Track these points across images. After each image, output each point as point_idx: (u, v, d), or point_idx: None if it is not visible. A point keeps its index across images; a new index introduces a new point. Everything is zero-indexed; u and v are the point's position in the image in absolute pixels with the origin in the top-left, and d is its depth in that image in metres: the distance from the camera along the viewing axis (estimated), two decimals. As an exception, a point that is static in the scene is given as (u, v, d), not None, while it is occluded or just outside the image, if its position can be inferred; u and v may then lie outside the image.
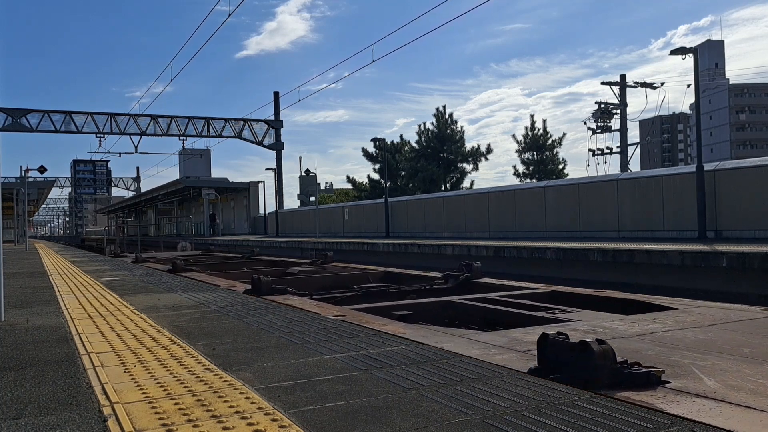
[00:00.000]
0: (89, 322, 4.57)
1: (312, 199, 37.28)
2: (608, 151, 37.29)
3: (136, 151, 41.75)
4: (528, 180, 40.38)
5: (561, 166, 41.31)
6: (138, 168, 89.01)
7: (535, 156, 41.44)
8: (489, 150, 43.89)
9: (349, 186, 50.99)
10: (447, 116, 43.98)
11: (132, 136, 40.72)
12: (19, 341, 3.89)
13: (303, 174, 41.13)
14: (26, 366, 3.17)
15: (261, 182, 43.55)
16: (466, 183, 44.04)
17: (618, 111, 36.54)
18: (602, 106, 37.28)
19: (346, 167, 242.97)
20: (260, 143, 43.11)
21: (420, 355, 3.15)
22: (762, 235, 12.97)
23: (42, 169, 27.05)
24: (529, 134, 41.59)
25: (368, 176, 47.76)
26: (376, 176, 46.14)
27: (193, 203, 52.25)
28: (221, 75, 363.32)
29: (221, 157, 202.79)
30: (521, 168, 41.88)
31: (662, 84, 34.77)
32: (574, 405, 2.26)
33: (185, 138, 41.99)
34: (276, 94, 43.42)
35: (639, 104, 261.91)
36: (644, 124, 63.46)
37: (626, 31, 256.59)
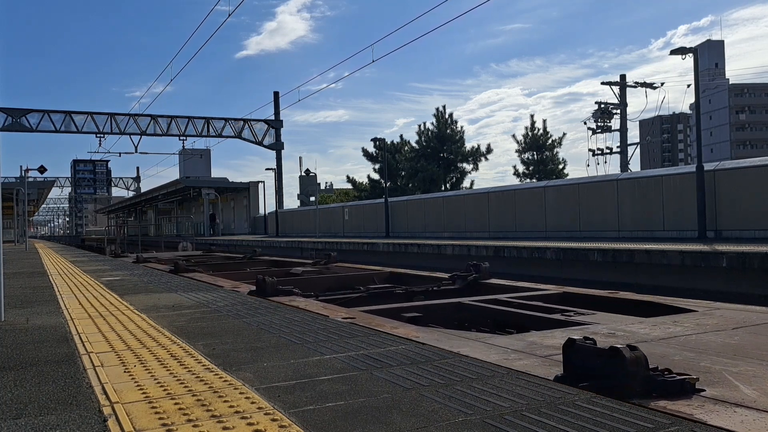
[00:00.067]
0: (89, 322, 4.57)
1: (312, 199, 37.26)
2: (608, 151, 37.30)
3: (136, 151, 41.83)
4: (528, 180, 40.39)
5: (561, 166, 41.36)
6: (138, 168, 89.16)
7: (535, 156, 41.46)
8: (489, 150, 43.99)
9: (349, 186, 51.04)
10: (447, 116, 44.05)
11: (132, 136, 40.81)
12: (19, 341, 3.89)
13: (303, 174, 41.06)
14: (26, 366, 3.17)
15: (261, 182, 43.64)
16: (466, 183, 44.11)
17: (618, 111, 36.55)
18: (602, 106, 37.29)
19: (346, 167, 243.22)
20: (260, 143, 43.12)
21: (420, 355, 3.15)
22: (762, 235, 12.97)
23: (42, 169, 27.06)
24: (529, 134, 41.63)
25: (368, 176, 47.87)
26: (376, 176, 46.20)
27: (193, 203, 52.26)
28: (221, 75, 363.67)
29: (221, 157, 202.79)
30: (521, 168, 41.97)
31: (662, 84, 34.80)
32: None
33: (185, 138, 42.07)
34: (276, 94, 43.45)
35: (639, 104, 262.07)
36: (644, 124, 63.50)
37: (626, 31, 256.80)
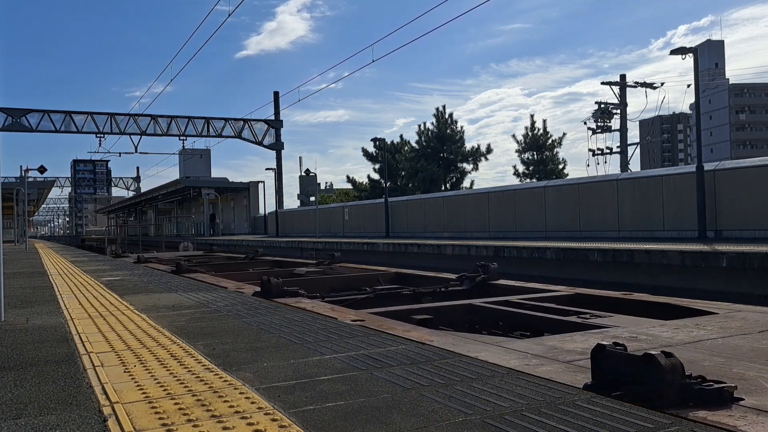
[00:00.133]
0: (89, 322, 4.57)
1: (312, 199, 37.26)
2: (608, 151, 37.30)
3: (136, 151, 41.81)
4: (528, 180, 40.38)
5: (561, 166, 41.35)
6: (138, 168, 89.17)
7: (535, 156, 41.45)
8: (489, 150, 43.98)
9: (349, 186, 51.03)
10: (447, 116, 44.03)
11: (132, 136, 40.80)
12: (19, 341, 3.89)
13: (303, 174, 41.07)
14: (26, 366, 3.17)
15: (261, 182, 43.64)
16: (466, 183, 44.10)
17: (618, 111, 36.54)
18: (602, 106, 37.29)
19: (346, 167, 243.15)
20: (260, 143, 43.12)
21: (420, 355, 3.15)
22: (762, 235, 12.96)
23: (42, 169, 27.06)
24: (529, 134, 41.62)
25: (368, 176, 47.85)
26: (376, 176, 46.19)
27: (193, 203, 52.26)
28: (221, 75, 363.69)
29: (221, 157, 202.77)
30: (521, 168, 41.96)
31: (662, 84, 34.79)
32: (574, 405, 2.26)
33: (185, 138, 42.06)
34: (276, 94, 43.44)
35: (639, 104, 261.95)
36: (644, 124, 63.48)
37: (626, 31, 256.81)
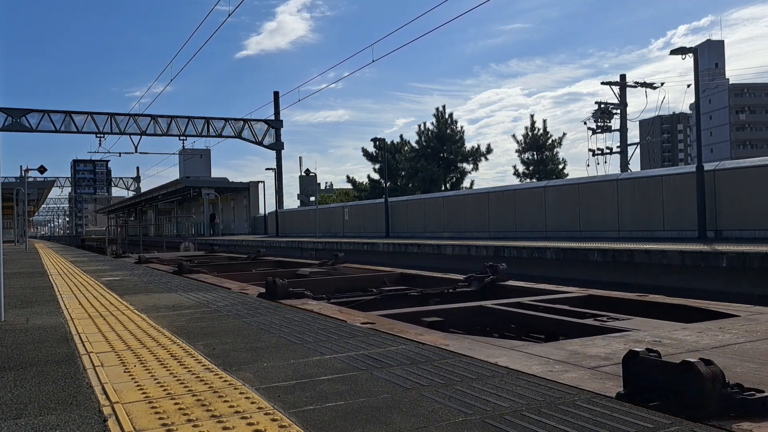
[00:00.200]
0: (89, 322, 4.57)
1: (312, 199, 37.26)
2: (608, 151, 37.31)
3: (136, 151, 41.83)
4: (528, 180, 40.39)
5: (561, 166, 41.36)
6: (138, 168, 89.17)
7: (535, 156, 41.46)
8: (489, 150, 44.00)
9: (349, 186, 51.04)
10: (447, 116, 44.04)
11: (132, 136, 40.82)
12: (19, 341, 3.89)
13: (303, 174, 41.06)
14: (26, 366, 3.17)
15: (261, 182, 43.63)
16: (466, 183, 44.11)
17: (618, 111, 36.55)
18: (602, 106, 37.30)
19: (346, 167, 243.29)
20: (260, 143, 43.12)
21: (420, 355, 3.14)
22: (762, 235, 12.97)
23: (42, 169, 27.06)
24: (529, 134, 41.63)
25: (368, 176, 47.86)
26: (376, 176, 46.19)
27: (193, 203, 52.26)
28: (221, 75, 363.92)
29: (221, 157, 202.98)
30: (521, 168, 41.97)
31: (662, 84, 34.80)
32: (574, 405, 2.26)
33: (185, 138, 42.07)
34: (276, 94, 43.44)
35: (639, 104, 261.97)
36: (644, 124, 63.48)
37: (626, 31, 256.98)
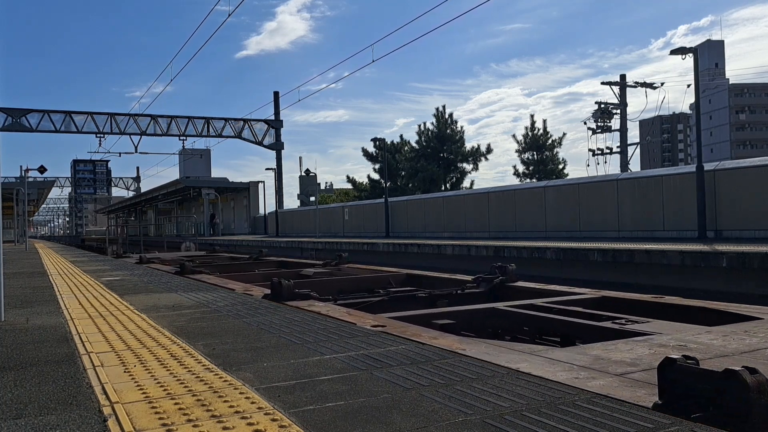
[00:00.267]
0: (89, 322, 4.56)
1: (312, 199, 37.26)
2: (608, 151, 37.32)
3: (136, 151, 41.85)
4: (528, 180, 40.39)
5: (561, 166, 41.37)
6: (138, 168, 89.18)
7: (535, 156, 41.46)
8: (489, 150, 44.00)
9: (349, 186, 51.05)
10: (447, 116, 44.05)
11: (132, 136, 40.83)
12: (19, 341, 3.89)
13: (303, 174, 41.07)
14: (26, 366, 3.17)
15: (261, 182, 43.63)
16: (466, 183, 44.12)
17: (618, 111, 36.55)
18: (602, 106, 37.30)
19: (346, 167, 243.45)
20: (260, 143, 43.12)
21: (420, 355, 3.14)
22: (762, 235, 12.97)
23: (42, 169, 27.05)
24: (529, 134, 41.63)
25: (368, 176, 47.87)
26: (376, 176, 46.20)
27: (193, 203, 52.25)
28: (221, 75, 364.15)
29: (221, 157, 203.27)
30: (521, 168, 41.98)
31: (662, 84, 34.81)
32: (574, 405, 2.26)
33: (185, 138, 42.08)
34: (276, 94, 43.45)
35: (639, 104, 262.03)
36: (644, 124, 63.49)
37: (626, 31, 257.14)
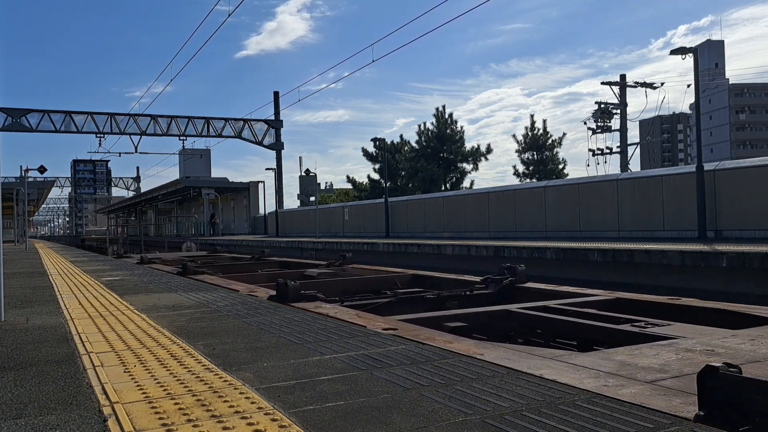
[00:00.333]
0: (89, 322, 4.57)
1: (312, 199, 37.25)
2: (608, 151, 37.29)
3: (136, 151, 41.81)
4: (528, 180, 40.38)
5: (561, 166, 41.35)
6: (138, 168, 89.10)
7: (535, 156, 41.45)
8: (489, 150, 43.97)
9: (349, 186, 51.04)
10: (447, 116, 44.02)
11: (132, 136, 40.79)
12: (19, 341, 3.89)
13: (303, 174, 41.04)
14: (26, 366, 3.17)
15: (261, 182, 43.59)
16: (466, 183, 44.10)
17: (618, 111, 36.54)
18: (602, 106, 37.28)
19: (346, 167, 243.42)
20: (260, 143, 43.11)
21: (420, 355, 3.14)
22: (762, 235, 12.96)
23: (42, 169, 27.05)
24: (529, 134, 41.62)
25: (368, 176, 47.85)
26: (376, 176, 46.19)
27: (193, 203, 52.25)
28: (221, 75, 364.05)
29: (221, 157, 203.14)
30: (521, 168, 41.95)
31: (662, 84, 34.76)
32: (574, 405, 2.26)
33: (185, 138, 42.06)
34: (276, 94, 43.43)
35: (639, 104, 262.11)
36: (644, 124, 63.47)
37: (626, 31, 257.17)
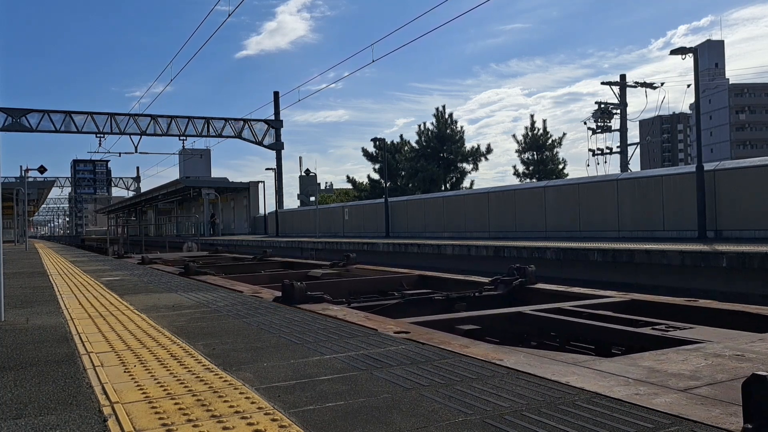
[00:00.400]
0: (89, 322, 4.56)
1: (312, 199, 37.24)
2: (608, 151, 37.30)
3: (136, 151, 41.80)
4: (528, 180, 40.38)
5: (561, 166, 41.34)
6: (138, 168, 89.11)
7: (535, 156, 41.45)
8: (489, 150, 43.96)
9: (349, 186, 51.03)
10: (447, 116, 44.02)
11: (132, 136, 40.79)
12: (19, 341, 3.89)
13: (303, 174, 41.04)
14: (26, 366, 3.17)
15: (261, 182, 43.58)
16: (466, 183, 44.09)
17: (618, 111, 36.54)
18: (602, 106, 37.28)
19: (346, 167, 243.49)
20: (260, 143, 43.10)
21: (420, 355, 3.14)
22: (762, 235, 12.96)
23: (42, 169, 27.04)
24: (529, 134, 41.61)
25: (368, 176, 47.84)
26: (376, 176, 46.18)
27: (193, 203, 52.23)
28: (221, 75, 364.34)
29: (221, 157, 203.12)
30: (521, 168, 41.95)
31: (662, 84, 34.77)
32: (574, 405, 2.26)
33: (185, 138, 42.05)
34: (276, 94, 43.43)
35: (639, 104, 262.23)
36: (644, 124, 63.47)
37: (626, 31, 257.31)
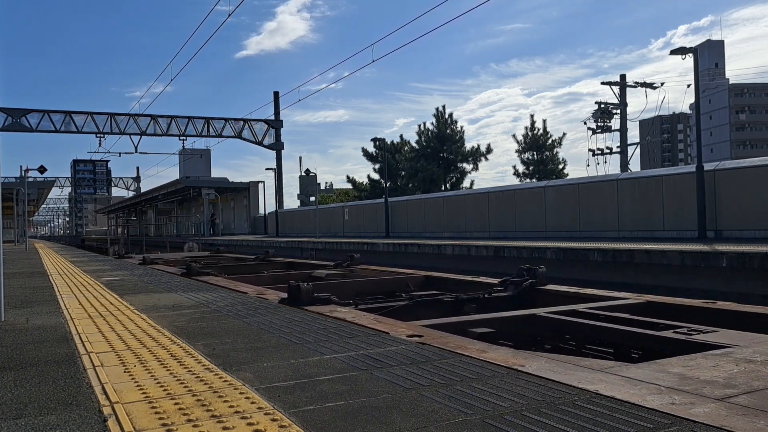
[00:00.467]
0: (89, 322, 4.56)
1: (312, 199, 37.24)
2: (608, 151, 37.29)
3: (136, 151, 41.80)
4: (528, 180, 40.38)
5: (561, 166, 41.36)
6: (138, 168, 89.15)
7: (535, 156, 41.45)
8: (489, 150, 43.98)
9: (349, 186, 51.05)
10: (447, 116, 44.03)
11: (132, 136, 40.79)
12: (19, 341, 3.89)
13: (303, 174, 41.03)
14: (26, 366, 3.17)
15: (261, 182, 43.55)
16: (466, 183, 44.10)
17: (618, 111, 36.53)
18: (602, 106, 37.28)
19: (346, 167, 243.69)
20: (260, 143, 43.10)
21: (420, 355, 3.14)
22: (762, 235, 12.96)
23: (42, 169, 27.04)
24: (529, 134, 41.62)
25: (368, 176, 47.86)
26: (376, 176, 46.20)
27: (193, 203, 52.23)
28: (221, 75, 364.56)
29: (221, 157, 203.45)
30: (521, 168, 41.97)
31: (662, 84, 34.77)
32: (574, 405, 2.26)
33: (185, 138, 42.05)
34: (276, 94, 43.42)
35: (639, 104, 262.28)
36: (644, 124, 63.48)
37: (626, 31, 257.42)
